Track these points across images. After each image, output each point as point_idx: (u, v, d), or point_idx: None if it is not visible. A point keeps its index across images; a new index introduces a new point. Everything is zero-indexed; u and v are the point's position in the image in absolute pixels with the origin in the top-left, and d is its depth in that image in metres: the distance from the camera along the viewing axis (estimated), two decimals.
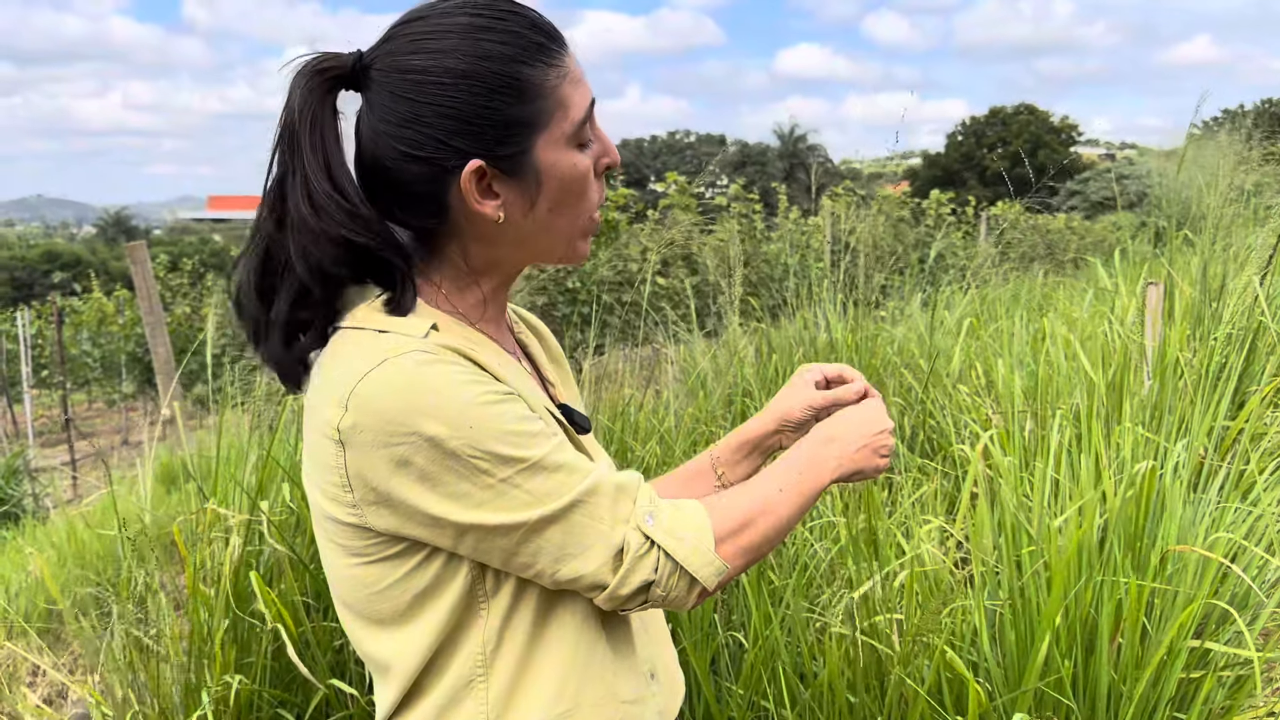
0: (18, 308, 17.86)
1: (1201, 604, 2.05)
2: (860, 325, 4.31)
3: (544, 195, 1.07)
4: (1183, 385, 3.01)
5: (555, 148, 1.06)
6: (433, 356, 0.99)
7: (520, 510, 1.00)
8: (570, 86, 1.06)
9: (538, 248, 1.12)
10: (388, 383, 0.97)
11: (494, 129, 1.03)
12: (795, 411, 1.40)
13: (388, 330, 1.03)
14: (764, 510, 1.12)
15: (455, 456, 0.97)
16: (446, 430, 0.97)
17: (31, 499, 7.79)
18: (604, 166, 1.11)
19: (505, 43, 1.03)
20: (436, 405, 0.97)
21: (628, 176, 63.82)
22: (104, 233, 71.95)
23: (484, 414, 0.98)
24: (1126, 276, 4.95)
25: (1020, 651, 2.06)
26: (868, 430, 1.24)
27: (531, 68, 1.04)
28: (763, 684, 2.15)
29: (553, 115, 1.05)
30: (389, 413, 0.97)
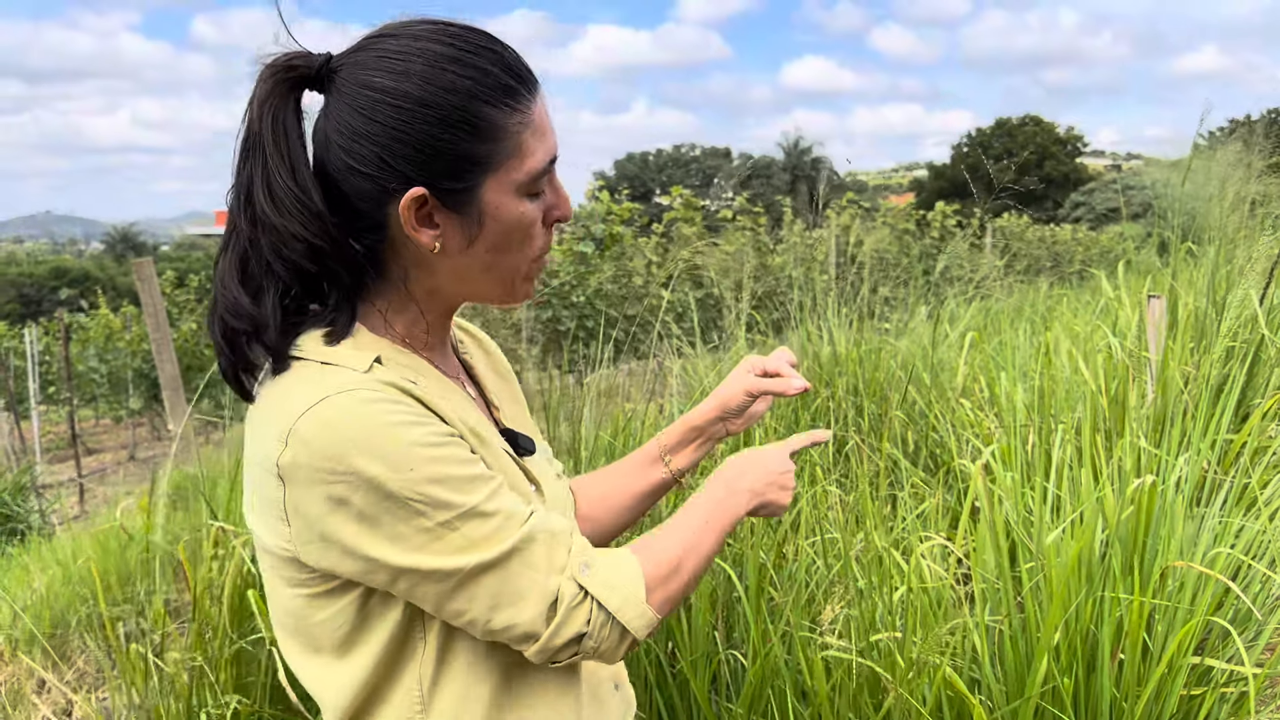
0: (25, 324, 17.92)
1: (1203, 620, 2.04)
2: (864, 338, 4.31)
3: (485, 235, 1.06)
4: (1185, 399, 3.00)
5: (504, 192, 1.05)
6: (375, 395, 0.98)
7: (456, 556, 0.98)
8: (532, 136, 1.04)
9: (475, 286, 1.11)
10: (328, 421, 0.96)
11: (442, 161, 1.02)
12: (734, 398, 1.44)
13: (330, 363, 1.02)
14: (691, 549, 1.13)
15: (393, 498, 0.96)
16: (386, 471, 0.95)
17: (38, 515, 7.80)
18: (554, 218, 1.11)
19: (471, 78, 1.01)
20: (376, 445, 0.95)
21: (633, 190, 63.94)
22: (112, 249, 72.25)
23: (424, 456, 0.97)
24: (1130, 288, 4.94)
25: (1020, 669, 2.05)
26: (774, 467, 1.27)
27: (494, 108, 1.02)
28: (763, 703, 2.14)
29: (507, 160, 1.04)
30: (328, 451, 0.95)
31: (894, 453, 3.40)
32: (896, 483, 3.29)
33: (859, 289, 4.80)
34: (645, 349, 4.85)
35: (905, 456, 3.53)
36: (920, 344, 4.45)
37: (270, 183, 1.02)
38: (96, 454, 15.44)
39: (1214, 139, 16.91)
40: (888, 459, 3.35)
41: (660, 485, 1.48)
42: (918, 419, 3.73)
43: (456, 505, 0.98)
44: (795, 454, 1.35)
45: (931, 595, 2.24)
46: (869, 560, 2.35)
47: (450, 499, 0.98)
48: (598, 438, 3.21)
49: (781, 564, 2.55)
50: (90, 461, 14.12)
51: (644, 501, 1.49)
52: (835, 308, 4.59)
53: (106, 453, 15.67)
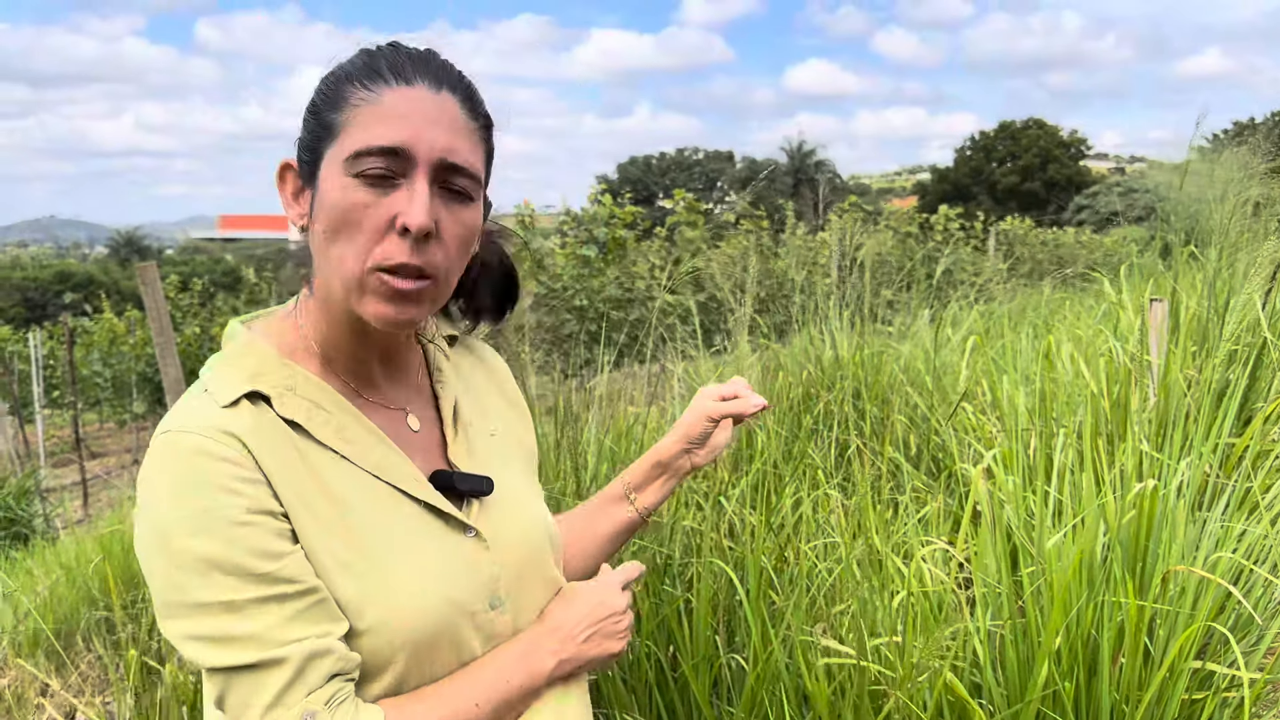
0: (30, 328, 17.97)
1: (1204, 625, 2.04)
2: (866, 342, 4.31)
3: (320, 211, 1.04)
4: (1187, 402, 3.00)
5: (334, 166, 1.02)
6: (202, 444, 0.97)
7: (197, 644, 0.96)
8: (369, 115, 1.01)
9: (326, 275, 1.06)
10: (156, 456, 0.98)
11: (307, 129, 1.06)
12: (695, 428, 1.42)
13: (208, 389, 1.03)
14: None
15: (171, 554, 0.96)
16: (176, 526, 0.95)
17: (42, 519, 7.80)
18: (399, 225, 1.01)
19: (354, 61, 1.06)
20: (179, 497, 0.95)
21: (635, 194, 63.99)
22: (116, 253, 72.36)
23: (213, 528, 0.95)
24: (1133, 291, 4.94)
25: (1021, 673, 2.05)
26: (595, 615, 1.16)
27: (350, 85, 1.04)
28: (763, 707, 2.15)
29: (341, 132, 1.02)
30: (149, 482, 0.98)
31: (896, 456, 3.41)
32: (898, 486, 3.29)
33: (861, 292, 4.80)
34: (648, 353, 4.85)
35: (907, 460, 3.53)
36: (922, 347, 4.45)
37: None
38: (100, 458, 15.46)
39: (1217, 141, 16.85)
40: (889, 463, 3.35)
41: (627, 525, 1.44)
42: (920, 423, 3.73)
43: (219, 592, 0.95)
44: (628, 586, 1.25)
45: (932, 599, 2.25)
46: (870, 564, 2.35)
47: (218, 582, 0.95)
48: (600, 443, 3.21)
49: (783, 567, 2.55)
50: (94, 465, 14.14)
51: (612, 543, 1.45)
52: (837, 311, 4.60)
53: (110, 456, 15.69)
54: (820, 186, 10.26)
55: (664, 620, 2.33)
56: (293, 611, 0.97)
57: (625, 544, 1.47)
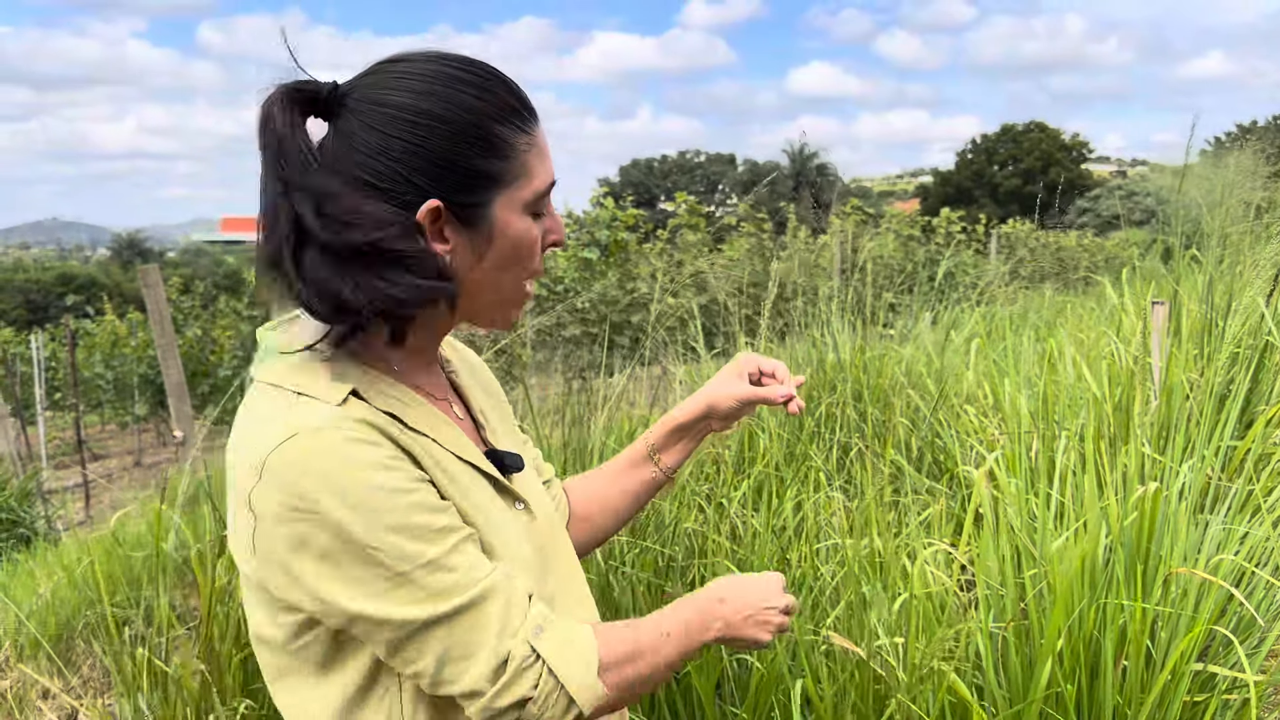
0: (32, 330, 17.98)
1: (1206, 627, 2.04)
2: (868, 345, 4.31)
3: (493, 251, 1.09)
4: (1189, 405, 3.00)
5: (513, 209, 1.09)
6: (346, 435, 0.99)
7: (411, 607, 0.98)
8: (536, 158, 1.10)
9: (476, 304, 1.13)
10: (295, 459, 0.97)
11: (456, 175, 1.05)
12: (724, 402, 1.43)
13: (304, 394, 1.03)
14: (650, 650, 1.10)
15: (354, 543, 0.96)
16: (349, 514, 0.96)
17: (44, 521, 7.80)
18: (550, 242, 1.15)
19: (481, 98, 1.06)
20: (343, 487, 0.96)
21: (637, 196, 63.83)
22: (118, 255, 72.41)
23: (389, 503, 0.97)
24: (1135, 294, 4.94)
25: (1024, 675, 2.05)
26: (759, 602, 1.21)
27: (504, 126, 1.07)
28: (767, 708, 2.15)
29: (517, 178, 1.08)
30: (296, 488, 0.96)
31: (898, 459, 3.41)
32: (901, 489, 3.30)
33: (863, 295, 4.80)
34: (650, 355, 4.86)
35: (909, 463, 3.54)
36: (924, 350, 4.46)
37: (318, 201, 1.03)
38: (102, 460, 15.48)
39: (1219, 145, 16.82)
40: (892, 465, 3.35)
41: (652, 483, 1.49)
42: (921, 425, 3.73)
43: (416, 556, 0.98)
44: None
45: (935, 601, 2.25)
46: (873, 566, 2.35)
47: (410, 549, 0.98)
48: (604, 444, 3.22)
49: (785, 570, 2.56)
50: (96, 467, 14.15)
51: (637, 500, 1.50)
52: (840, 314, 4.60)
53: (112, 458, 15.71)
54: (822, 189, 10.25)
55: None
56: (476, 550, 1.04)
57: (651, 498, 1.52)
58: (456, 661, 1.00)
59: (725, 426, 1.48)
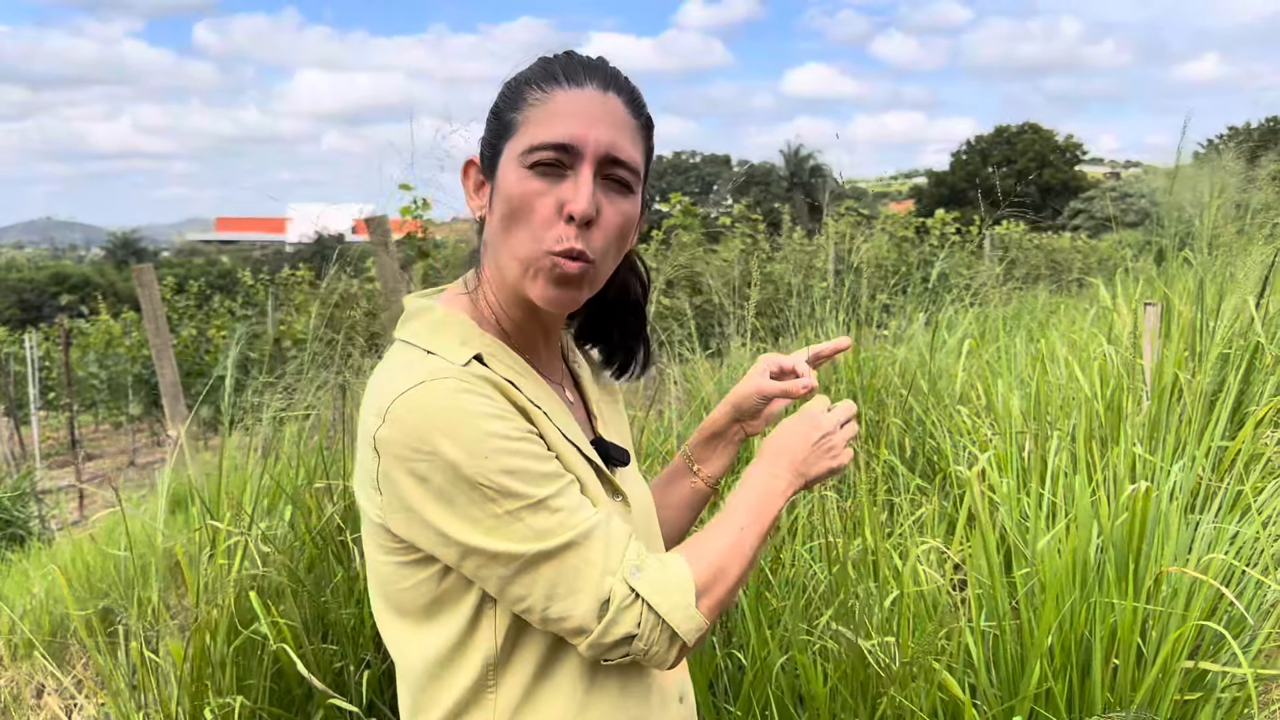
0: (26, 330, 17.94)
1: (1196, 625, 2.05)
2: (862, 345, 4.32)
3: (498, 202, 1.15)
4: (1180, 406, 3.01)
5: (511, 159, 1.13)
6: (466, 386, 1.06)
7: (520, 542, 1.04)
8: (543, 113, 1.12)
9: (502, 260, 1.15)
10: (421, 404, 1.05)
11: (490, 131, 1.17)
12: (747, 401, 1.46)
13: (433, 352, 1.12)
14: (735, 551, 1.14)
15: (468, 482, 1.03)
16: (464, 456, 1.03)
17: (38, 521, 7.80)
18: (566, 213, 1.11)
19: (533, 67, 1.17)
20: (459, 432, 1.04)
21: None
22: (112, 255, 72.21)
23: (501, 448, 1.04)
24: (1127, 296, 4.96)
25: (1014, 672, 2.07)
26: (808, 439, 1.26)
27: (529, 86, 1.14)
28: (760, 705, 2.16)
29: (519, 127, 1.13)
30: (417, 431, 1.04)
31: (891, 459, 3.42)
32: (894, 489, 3.31)
33: (857, 296, 4.82)
34: None
35: (903, 463, 3.55)
36: (918, 351, 4.47)
37: None
38: (96, 459, 15.44)
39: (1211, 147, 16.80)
40: (885, 465, 3.37)
41: (695, 494, 1.50)
42: (915, 426, 3.74)
43: (525, 496, 1.05)
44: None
45: (927, 599, 2.26)
46: (866, 565, 2.36)
47: (519, 489, 1.05)
48: None
49: (779, 569, 2.57)
50: (90, 467, 14.12)
51: (687, 513, 1.51)
52: (834, 315, 4.61)
53: (106, 458, 15.67)
54: (818, 190, 10.27)
55: None
56: (578, 495, 1.10)
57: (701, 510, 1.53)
58: (563, 598, 1.06)
59: (757, 428, 1.50)
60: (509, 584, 1.06)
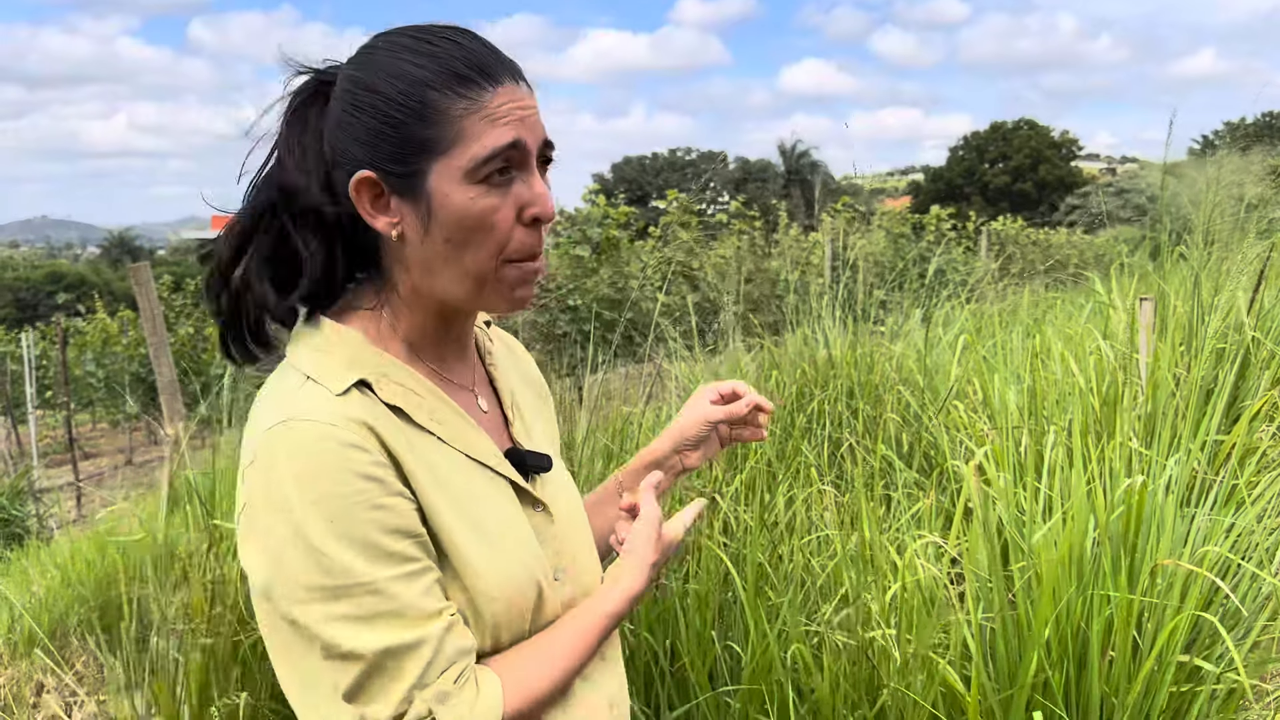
0: (22, 329, 17.92)
1: (1192, 618, 2.07)
2: (859, 341, 4.34)
3: (437, 224, 1.05)
4: (1175, 400, 3.03)
5: (450, 179, 1.04)
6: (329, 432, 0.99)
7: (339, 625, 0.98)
8: (481, 122, 1.03)
9: (442, 281, 1.08)
10: (278, 446, 0.99)
11: (387, 145, 1.04)
12: (691, 429, 1.43)
13: (312, 378, 1.05)
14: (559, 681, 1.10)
15: (307, 542, 0.97)
16: (310, 514, 0.97)
17: (35, 520, 7.80)
18: (530, 217, 1.06)
19: (422, 66, 1.04)
20: (309, 485, 0.97)
21: (630, 194, 63.79)
22: (108, 253, 72.07)
23: (349, 512, 0.98)
24: (1123, 291, 4.97)
25: (1011, 665, 2.08)
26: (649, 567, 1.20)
27: (439, 93, 1.03)
28: (759, 700, 2.17)
29: (452, 145, 1.03)
30: (272, 475, 0.99)
31: (888, 454, 3.44)
32: (891, 484, 3.32)
33: (854, 292, 4.83)
34: (642, 352, 4.88)
35: (899, 458, 3.57)
36: (915, 347, 4.48)
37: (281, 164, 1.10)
38: (93, 458, 15.45)
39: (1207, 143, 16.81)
40: (882, 460, 3.38)
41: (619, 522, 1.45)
42: (912, 421, 3.76)
43: (360, 574, 0.98)
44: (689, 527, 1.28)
45: (925, 593, 2.28)
46: (864, 559, 2.38)
47: (354, 565, 0.98)
48: (595, 440, 3.24)
49: (777, 564, 2.58)
50: (87, 465, 14.13)
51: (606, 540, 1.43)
52: (830, 311, 4.62)
53: (103, 457, 15.67)
54: (815, 187, 10.28)
55: (662, 614, 2.36)
56: (426, 585, 1.02)
57: None
58: (365, 699, 0.99)
59: (698, 461, 1.46)
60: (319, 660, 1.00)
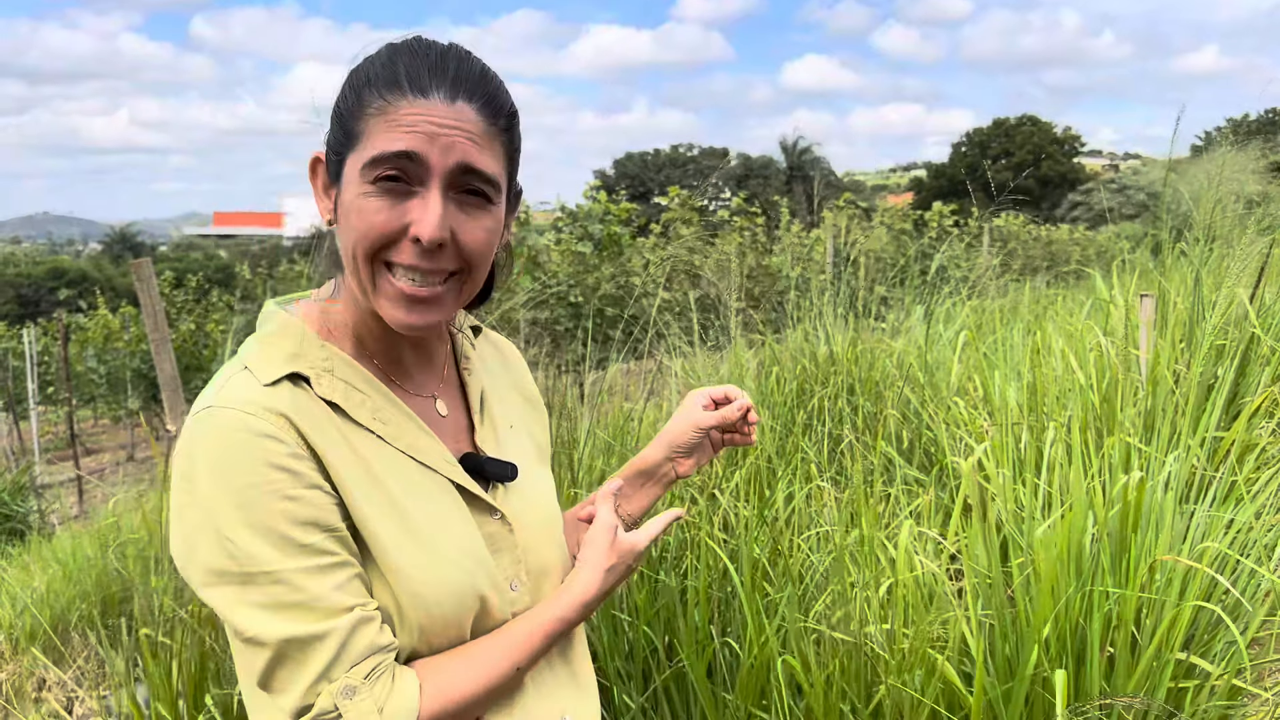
0: (24, 325, 17.92)
1: (1191, 612, 2.07)
2: (860, 338, 4.33)
3: (341, 213, 1.08)
4: (1175, 397, 3.03)
5: (354, 171, 1.05)
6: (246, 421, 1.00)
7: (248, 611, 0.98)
8: (384, 125, 1.03)
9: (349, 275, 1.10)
10: (197, 431, 1.01)
11: (334, 132, 1.09)
12: (683, 436, 1.42)
13: (248, 368, 1.06)
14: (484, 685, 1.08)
15: (216, 529, 0.98)
16: (219, 500, 0.97)
17: (37, 515, 7.81)
18: (412, 234, 1.04)
19: (377, 65, 1.07)
20: (221, 472, 0.98)
21: (632, 190, 63.64)
22: (110, 249, 72.07)
23: (258, 501, 0.98)
24: (1123, 287, 4.97)
25: (1011, 661, 2.08)
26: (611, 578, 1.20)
27: (371, 92, 1.05)
28: (757, 693, 2.17)
29: (359, 141, 1.05)
30: (187, 458, 1.00)
31: (888, 450, 3.43)
32: (890, 480, 3.32)
33: (855, 289, 4.83)
34: (644, 349, 4.88)
35: (899, 454, 3.56)
36: (915, 343, 4.48)
37: None
38: (95, 454, 15.45)
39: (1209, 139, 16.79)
40: (882, 456, 3.38)
41: None
42: (912, 417, 3.75)
43: (265, 562, 0.98)
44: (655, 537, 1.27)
45: (924, 589, 2.27)
46: (864, 554, 2.38)
47: (261, 553, 0.98)
48: (596, 436, 3.23)
49: (776, 559, 2.58)
50: (89, 461, 14.13)
51: None
52: (832, 307, 4.62)
53: (105, 453, 15.68)
54: (817, 183, 10.27)
55: (661, 609, 2.36)
56: (339, 581, 1.01)
57: None
58: (274, 688, 1.00)
59: (690, 469, 1.46)
60: (235, 642, 1.02)
